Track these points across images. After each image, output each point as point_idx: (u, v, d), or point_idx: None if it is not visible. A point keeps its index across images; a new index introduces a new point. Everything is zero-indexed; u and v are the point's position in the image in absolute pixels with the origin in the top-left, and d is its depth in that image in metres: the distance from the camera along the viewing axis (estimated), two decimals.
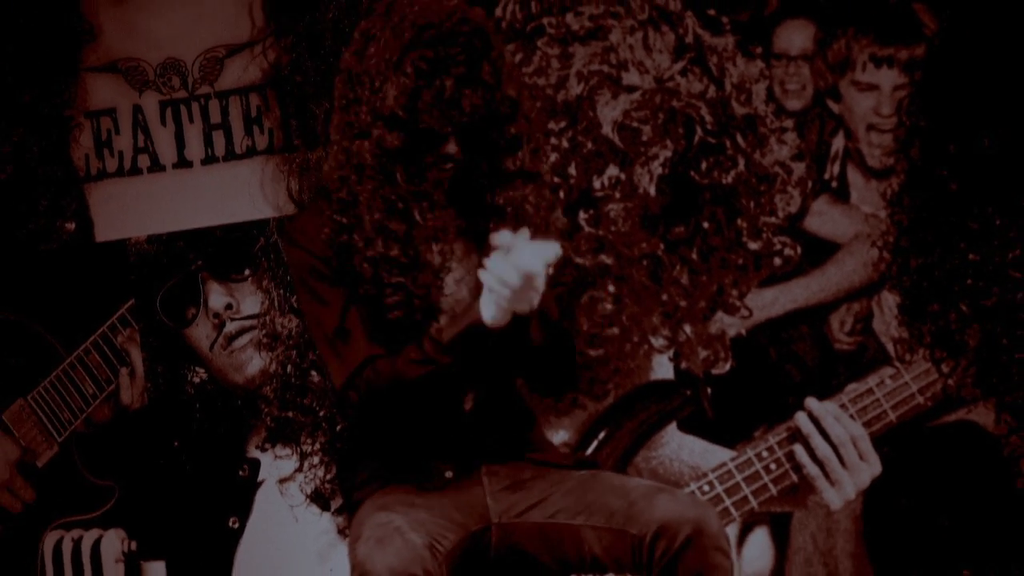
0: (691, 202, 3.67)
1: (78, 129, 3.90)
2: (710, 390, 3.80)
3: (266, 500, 3.98)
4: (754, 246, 3.68)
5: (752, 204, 3.66)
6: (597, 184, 3.62)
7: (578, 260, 3.60)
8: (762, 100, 3.68)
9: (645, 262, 3.65)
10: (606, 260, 3.62)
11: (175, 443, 4.00)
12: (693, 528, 3.08)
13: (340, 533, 3.85)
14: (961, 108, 3.68)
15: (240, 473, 3.99)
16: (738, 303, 3.74)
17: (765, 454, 3.74)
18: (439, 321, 3.16)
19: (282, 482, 3.90)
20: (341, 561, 3.51)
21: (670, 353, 3.79)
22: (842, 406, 3.75)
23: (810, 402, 3.75)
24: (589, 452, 3.74)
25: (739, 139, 3.64)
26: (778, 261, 3.72)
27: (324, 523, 3.87)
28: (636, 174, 3.62)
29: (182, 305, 4.00)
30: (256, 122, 3.89)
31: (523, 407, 3.29)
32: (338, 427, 3.67)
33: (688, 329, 3.72)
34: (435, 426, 3.19)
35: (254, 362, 3.95)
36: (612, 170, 3.62)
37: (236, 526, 3.97)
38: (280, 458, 3.86)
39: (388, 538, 3.03)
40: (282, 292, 3.78)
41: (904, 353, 3.76)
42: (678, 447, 3.87)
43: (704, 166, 3.64)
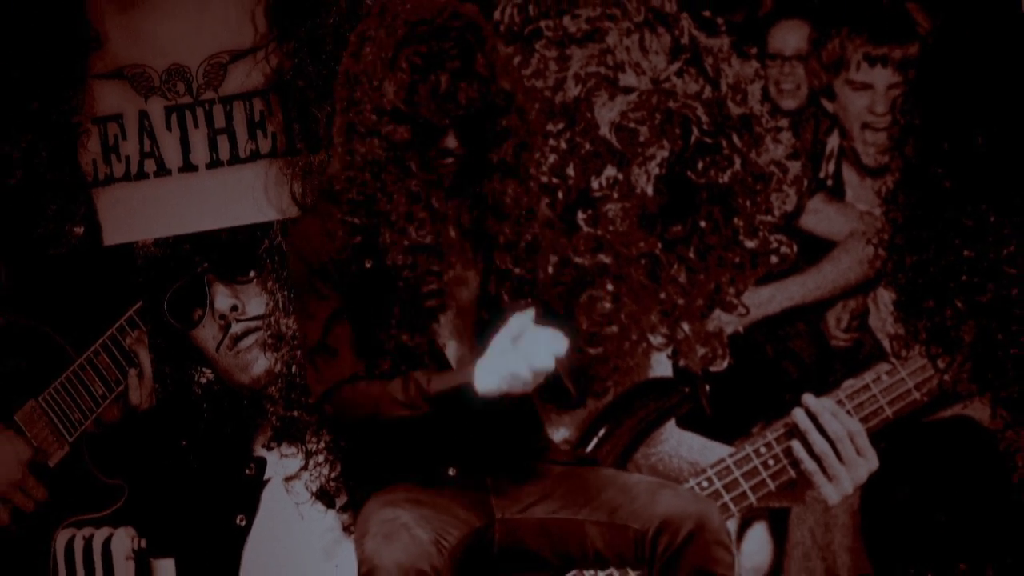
0: (688, 201, 3.67)
1: (86, 135, 3.92)
2: (708, 387, 3.80)
3: (272, 498, 4.00)
4: (751, 244, 3.68)
5: (748, 203, 3.66)
6: (595, 184, 3.63)
7: (577, 260, 3.60)
8: (757, 100, 3.67)
9: (643, 261, 3.65)
10: (605, 259, 3.62)
11: (183, 442, 4.03)
12: (695, 523, 3.07)
13: (345, 530, 3.87)
14: (955, 106, 3.69)
15: (247, 472, 4.02)
16: (735, 301, 3.74)
17: (763, 450, 3.75)
18: (440, 321, 3.15)
19: (288, 480, 3.91)
20: (347, 557, 3.53)
21: (668, 351, 3.79)
22: (839, 402, 3.75)
23: (807, 398, 3.76)
24: (589, 449, 3.75)
25: (735, 139, 3.64)
26: (775, 259, 3.72)
27: (329, 520, 3.90)
28: (634, 174, 3.63)
29: (189, 307, 4.02)
30: (259, 126, 3.90)
31: (534, 416, 3.28)
32: None
33: (686, 327, 3.72)
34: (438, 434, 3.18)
35: (259, 362, 3.98)
36: (610, 170, 3.63)
37: (243, 524, 3.99)
38: (286, 457, 3.89)
39: (395, 534, 3.03)
40: (286, 293, 3.80)
41: (900, 349, 3.78)
42: (677, 444, 3.87)
43: (701, 166, 3.64)
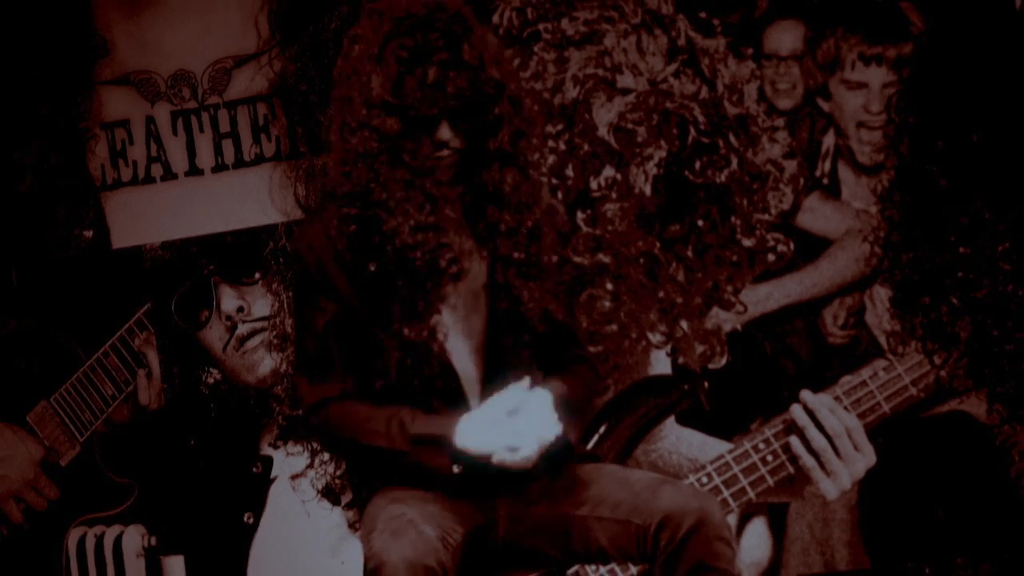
0: (686, 201, 3.69)
1: (94, 140, 3.97)
2: (707, 384, 3.79)
3: (279, 496, 4.03)
4: (748, 243, 3.70)
5: (745, 202, 3.68)
6: (594, 185, 3.65)
7: (577, 259, 3.62)
8: (754, 100, 3.68)
9: (642, 260, 3.67)
10: (604, 259, 3.64)
11: (191, 442, 4.05)
12: (696, 518, 3.07)
13: (351, 527, 3.89)
14: (949, 104, 3.68)
15: (253, 470, 4.05)
16: (733, 299, 3.75)
17: (762, 446, 3.75)
18: (442, 312, 3.10)
19: (294, 478, 3.94)
20: (352, 554, 3.59)
21: (668, 349, 3.80)
22: (836, 398, 3.75)
23: (805, 395, 3.76)
24: (590, 446, 3.73)
25: (732, 139, 3.65)
26: (772, 257, 3.73)
27: (335, 517, 3.92)
28: (632, 174, 3.64)
29: (196, 308, 4.05)
30: (264, 130, 3.94)
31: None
32: None
33: (685, 325, 3.73)
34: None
35: (265, 362, 4.01)
36: (608, 171, 3.65)
37: (251, 521, 4.02)
38: (292, 455, 3.92)
39: (403, 530, 3.02)
40: (291, 294, 3.75)
41: (897, 346, 3.77)
42: (677, 440, 3.88)
43: (698, 165, 3.65)
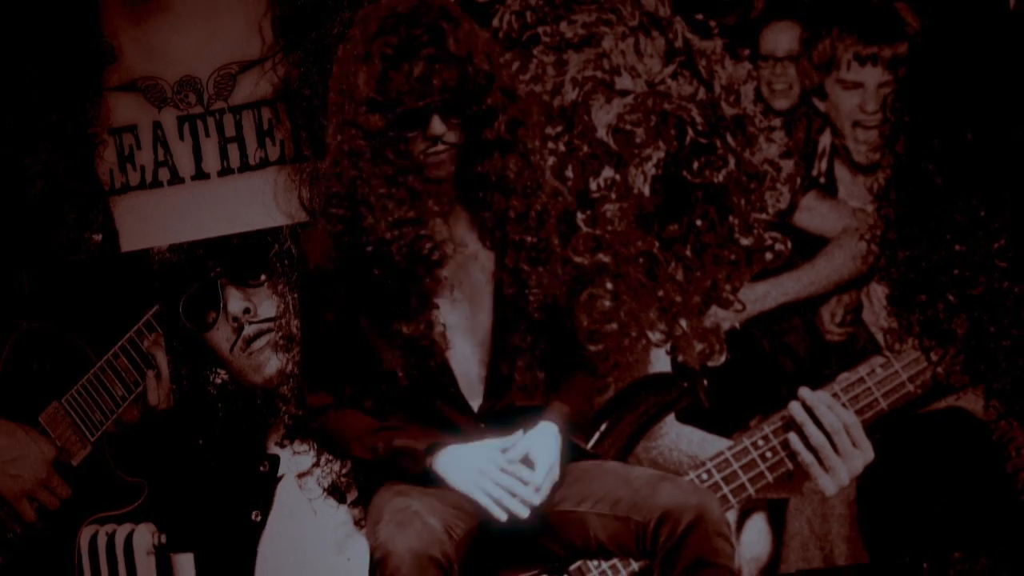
0: (684, 201, 3.72)
1: (102, 145, 3.99)
2: (706, 382, 3.83)
3: (286, 494, 4.04)
4: (746, 242, 3.73)
5: (743, 201, 3.71)
6: (593, 186, 3.68)
7: (577, 259, 3.66)
8: (750, 100, 3.73)
9: (641, 260, 3.71)
10: (604, 259, 3.68)
11: (199, 441, 4.06)
12: (695, 515, 3.06)
13: (356, 524, 3.91)
14: (944, 103, 3.70)
15: (261, 469, 4.05)
16: (731, 297, 3.78)
17: (761, 443, 3.78)
18: (440, 274, 3.11)
19: (300, 477, 3.97)
20: (358, 551, 3.65)
21: (667, 347, 3.83)
22: (834, 395, 3.78)
23: (803, 392, 3.80)
24: (591, 444, 3.76)
25: (729, 139, 3.69)
26: (769, 256, 3.77)
27: (341, 515, 3.94)
28: (631, 175, 3.68)
29: (203, 310, 4.07)
30: (268, 134, 3.96)
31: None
32: None
33: (684, 323, 3.77)
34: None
35: (272, 363, 4.02)
36: (607, 172, 3.68)
37: (258, 519, 4.03)
38: (298, 454, 3.95)
39: (408, 521, 3.02)
40: (296, 296, 3.82)
41: (894, 343, 3.79)
42: (676, 437, 3.89)
43: (696, 166, 3.69)
